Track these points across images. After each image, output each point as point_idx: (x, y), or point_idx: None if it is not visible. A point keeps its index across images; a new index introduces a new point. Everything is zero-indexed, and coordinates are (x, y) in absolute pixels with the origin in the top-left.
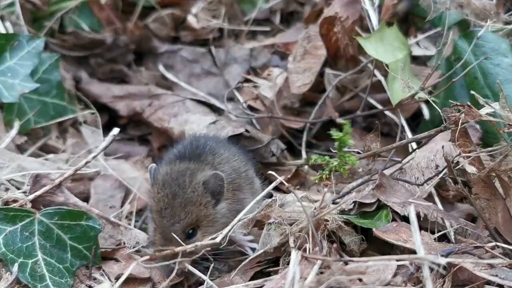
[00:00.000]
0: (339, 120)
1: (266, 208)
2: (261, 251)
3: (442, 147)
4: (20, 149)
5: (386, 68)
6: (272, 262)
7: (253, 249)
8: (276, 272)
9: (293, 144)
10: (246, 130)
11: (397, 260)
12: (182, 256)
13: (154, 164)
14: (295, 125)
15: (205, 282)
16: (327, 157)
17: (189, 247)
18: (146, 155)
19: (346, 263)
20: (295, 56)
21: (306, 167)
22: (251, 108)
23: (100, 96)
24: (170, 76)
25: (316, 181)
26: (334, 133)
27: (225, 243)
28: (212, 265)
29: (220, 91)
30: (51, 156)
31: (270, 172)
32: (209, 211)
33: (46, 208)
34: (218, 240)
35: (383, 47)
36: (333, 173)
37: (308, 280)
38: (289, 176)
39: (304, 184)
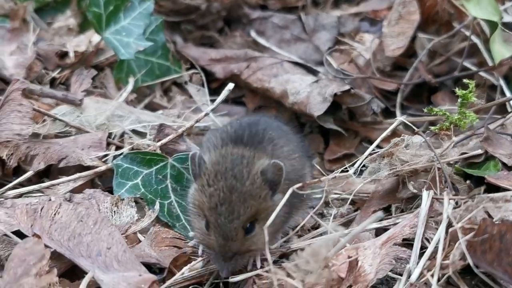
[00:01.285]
0: (431, 81)
1: (393, 146)
2: (369, 179)
3: None
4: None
5: (486, 30)
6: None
7: None
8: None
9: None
10: (351, 88)
11: None
12: (242, 253)
13: (197, 151)
14: (389, 87)
15: None
16: (446, 112)
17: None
18: (244, 116)
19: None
20: (389, 21)
21: (401, 127)
22: (342, 72)
23: (197, 59)
24: (262, 41)
25: (436, 131)
26: (458, 91)
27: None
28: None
29: (310, 56)
30: (160, 112)
31: None
32: (268, 204)
33: (178, 154)
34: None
35: (481, 10)
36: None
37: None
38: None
39: None
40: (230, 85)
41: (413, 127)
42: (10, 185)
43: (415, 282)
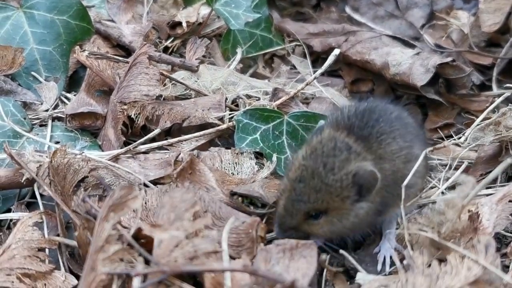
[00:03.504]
0: None
1: (500, 115)
2: (473, 144)
3: None
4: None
5: None
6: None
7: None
8: None
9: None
10: (453, 60)
11: None
12: (301, 232)
13: (323, 122)
14: (484, 62)
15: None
16: None
17: None
18: (343, 87)
19: None
20: None
21: (497, 99)
22: (438, 46)
23: (295, 33)
24: (357, 17)
25: None
26: None
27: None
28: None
29: (404, 32)
30: (265, 81)
31: None
32: (345, 206)
33: (293, 111)
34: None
35: None
36: None
37: None
38: (487, 104)
39: None
40: (336, 51)
41: None
42: (142, 140)
43: None
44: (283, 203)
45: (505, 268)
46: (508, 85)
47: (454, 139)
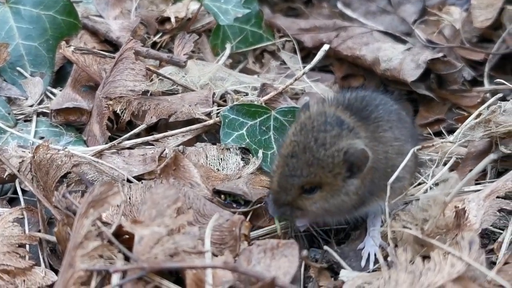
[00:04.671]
0: None
1: (490, 113)
2: (463, 140)
3: None
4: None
5: None
6: None
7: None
8: None
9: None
10: (444, 55)
11: None
12: (295, 209)
13: (307, 98)
14: (476, 57)
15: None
16: None
17: None
18: (333, 82)
19: None
20: None
21: (488, 95)
22: (430, 42)
23: (286, 28)
24: (349, 12)
25: None
26: None
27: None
28: None
29: (396, 27)
30: (255, 76)
31: None
32: (336, 182)
33: (281, 107)
34: None
35: None
36: None
37: None
38: (478, 100)
39: None
40: (325, 46)
41: (508, 84)
42: (127, 135)
43: None
44: (277, 180)
45: (492, 265)
46: (498, 80)
47: (444, 138)
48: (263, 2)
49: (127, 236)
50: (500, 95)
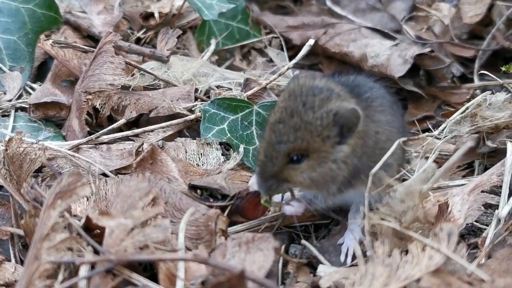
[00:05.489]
0: (510, 47)
1: (476, 107)
2: (450, 136)
3: None
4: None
5: None
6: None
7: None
8: None
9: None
10: (431, 51)
11: None
12: (281, 181)
13: (298, 72)
14: (466, 54)
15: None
16: None
17: None
18: None
19: None
20: None
21: (478, 91)
22: (419, 38)
23: (274, 26)
24: (338, 10)
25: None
26: None
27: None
28: None
29: (386, 24)
30: (239, 72)
31: None
32: (325, 147)
33: (263, 101)
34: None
35: None
36: None
37: None
38: (468, 97)
39: None
40: (311, 41)
41: (498, 80)
42: (105, 130)
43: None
44: (263, 149)
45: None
46: (485, 72)
47: (430, 133)
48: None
49: (98, 231)
50: (488, 92)
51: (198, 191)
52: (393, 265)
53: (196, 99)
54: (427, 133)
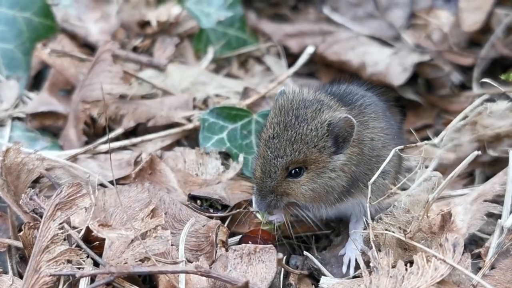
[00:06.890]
0: (510, 55)
1: (476, 115)
2: (450, 144)
3: None
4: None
5: None
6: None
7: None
8: None
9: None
10: (431, 59)
11: None
12: (280, 195)
13: (283, 88)
14: (464, 62)
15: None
16: None
17: None
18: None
19: None
20: None
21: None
22: (418, 46)
23: (272, 34)
24: (336, 18)
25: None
26: None
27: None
28: None
29: (384, 32)
30: (238, 81)
31: None
32: (322, 157)
33: (262, 110)
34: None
35: None
36: None
37: None
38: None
39: None
40: (310, 49)
41: (499, 87)
42: (102, 140)
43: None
44: (260, 165)
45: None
46: (485, 80)
47: (429, 141)
48: (249, 7)
49: (98, 243)
50: (486, 96)
51: (198, 201)
52: (398, 276)
53: (194, 107)
54: (425, 141)
